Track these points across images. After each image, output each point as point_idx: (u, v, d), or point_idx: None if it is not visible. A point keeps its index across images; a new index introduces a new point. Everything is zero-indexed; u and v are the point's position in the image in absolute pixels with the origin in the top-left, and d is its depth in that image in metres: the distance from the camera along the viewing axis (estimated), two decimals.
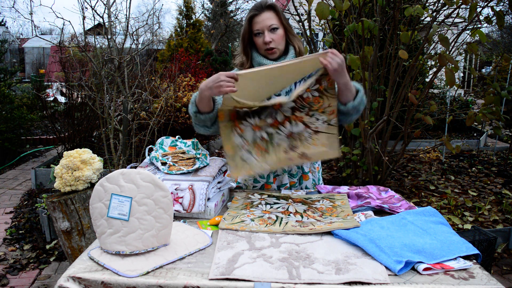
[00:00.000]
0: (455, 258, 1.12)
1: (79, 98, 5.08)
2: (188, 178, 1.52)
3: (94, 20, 3.84)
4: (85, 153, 2.16)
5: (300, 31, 3.68)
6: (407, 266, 1.07)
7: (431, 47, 3.64)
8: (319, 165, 1.94)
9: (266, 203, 1.58)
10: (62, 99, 6.29)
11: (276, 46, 1.62)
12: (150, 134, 3.81)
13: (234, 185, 1.82)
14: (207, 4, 18.54)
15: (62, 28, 3.77)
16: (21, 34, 21.49)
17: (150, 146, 1.80)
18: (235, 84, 1.39)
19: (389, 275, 1.05)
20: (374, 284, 1.01)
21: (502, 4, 3.52)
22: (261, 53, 1.66)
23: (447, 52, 2.70)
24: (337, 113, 1.53)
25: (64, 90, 5.70)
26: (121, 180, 1.18)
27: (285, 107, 1.54)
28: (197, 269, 1.08)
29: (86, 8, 3.42)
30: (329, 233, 1.30)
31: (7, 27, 19.03)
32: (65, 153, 2.16)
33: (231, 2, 18.46)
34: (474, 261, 1.12)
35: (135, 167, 1.56)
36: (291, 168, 1.84)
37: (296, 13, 3.58)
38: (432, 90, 6.76)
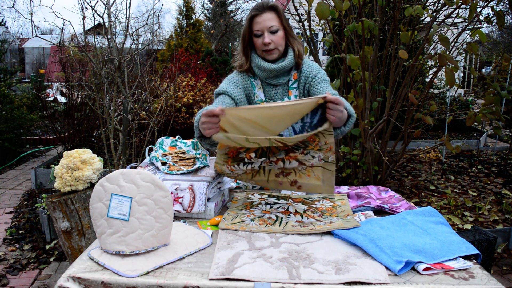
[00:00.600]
0: (455, 258, 1.12)
1: (79, 98, 5.08)
2: (188, 178, 1.52)
3: (94, 20, 3.85)
4: (85, 153, 2.16)
5: (300, 31, 3.68)
6: (407, 266, 1.07)
7: (431, 47, 3.64)
8: None
9: (266, 203, 1.58)
10: (62, 99, 6.29)
11: (275, 47, 1.60)
12: (150, 134, 3.81)
13: (234, 185, 1.82)
14: (207, 4, 18.55)
15: (62, 28, 3.77)
16: (21, 34, 21.51)
17: (150, 146, 1.80)
18: (224, 121, 1.28)
19: (389, 275, 1.05)
20: (374, 284, 1.01)
21: (502, 4, 3.52)
22: (259, 54, 1.65)
23: (447, 52, 2.70)
24: (334, 150, 1.40)
25: (64, 90, 5.70)
26: (121, 180, 1.18)
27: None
28: (197, 269, 1.08)
29: (86, 8, 3.42)
30: (329, 233, 1.30)
31: (7, 27, 19.04)
32: (65, 153, 2.16)
33: (231, 2, 18.46)
34: (474, 261, 1.12)
35: (135, 167, 1.56)
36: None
37: (296, 13, 3.58)
38: (432, 90, 6.76)
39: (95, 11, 3.46)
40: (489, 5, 2.79)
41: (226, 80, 1.71)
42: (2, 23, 18.28)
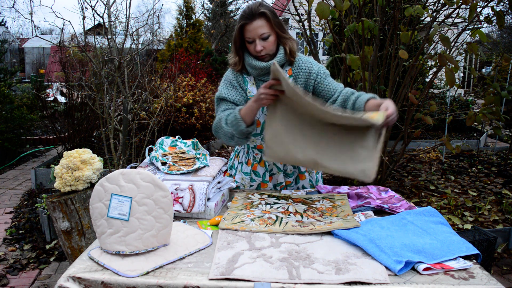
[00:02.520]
0: (455, 258, 1.12)
1: (79, 98, 5.07)
2: (188, 178, 1.52)
3: (94, 20, 3.84)
4: (85, 153, 2.16)
5: (300, 31, 3.67)
6: (407, 266, 1.07)
7: (431, 47, 3.64)
8: None
9: (266, 203, 1.58)
10: (62, 99, 6.29)
11: (266, 52, 1.63)
12: (150, 134, 3.81)
13: (234, 185, 1.82)
14: (207, 4, 18.55)
15: (62, 28, 3.77)
16: (21, 34, 21.49)
17: (150, 146, 1.80)
18: (277, 100, 1.49)
19: (389, 275, 1.05)
20: (374, 284, 1.01)
21: (502, 4, 3.52)
22: (253, 55, 1.68)
23: (448, 52, 2.70)
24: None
25: (64, 90, 5.70)
26: (121, 180, 1.18)
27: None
28: (197, 269, 1.08)
29: (86, 8, 3.42)
30: (329, 233, 1.30)
31: (7, 27, 19.04)
32: (65, 153, 2.15)
33: (231, 2, 18.47)
34: (474, 261, 1.12)
35: (135, 167, 1.56)
36: (286, 168, 1.86)
37: (296, 13, 3.58)
38: (432, 90, 6.76)
39: (95, 11, 3.46)
40: (489, 5, 2.79)
41: (223, 83, 1.77)
42: (2, 23, 18.29)
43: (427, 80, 4.63)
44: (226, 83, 1.75)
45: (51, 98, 6.59)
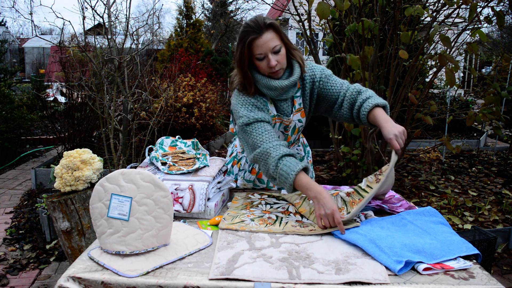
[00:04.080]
0: (455, 258, 1.12)
1: (79, 98, 5.07)
2: (188, 178, 1.52)
3: (94, 20, 3.84)
4: (85, 153, 2.16)
5: (300, 31, 3.67)
6: (407, 266, 1.07)
7: (431, 47, 3.64)
8: (310, 158, 1.96)
9: (266, 203, 1.58)
10: (62, 99, 6.29)
11: (281, 67, 1.50)
12: (150, 134, 3.80)
13: (234, 185, 1.82)
14: (207, 4, 18.56)
15: (62, 28, 3.77)
16: (21, 34, 21.49)
17: (150, 146, 1.80)
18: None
19: (389, 275, 1.05)
20: (374, 284, 1.01)
21: (502, 4, 3.52)
22: (264, 75, 1.54)
23: (448, 52, 2.70)
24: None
25: (64, 90, 5.70)
26: (121, 180, 1.18)
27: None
28: (197, 269, 1.08)
29: (86, 8, 3.42)
30: (329, 233, 1.30)
31: (7, 27, 19.03)
32: (65, 153, 2.15)
33: (231, 2, 18.47)
34: (474, 261, 1.12)
35: (135, 167, 1.56)
36: None
37: (296, 13, 3.58)
38: (432, 90, 6.76)
39: (95, 11, 3.46)
40: (489, 5, 2.79)
41: (246, 107, 1.55)
42: (2, 23, 18.28)
43: (427, 80, 4.63)
44: (250, 105, 1.54)
45: (51, 98, 6.59)
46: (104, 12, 3.68)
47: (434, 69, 3.53)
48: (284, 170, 1.39)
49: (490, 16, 2.72)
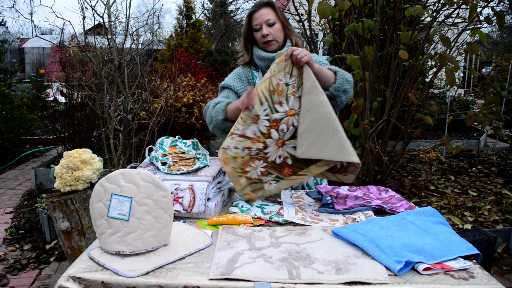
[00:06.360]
0: (455, 258, 1.12)
1: (79, 98, 5.08)
2: (188, 178, 1.52)
3: (94, 20, 3.84)
4: (85, 153, 2.16)
5: (300, 31, 3.67)
6: (407, 266, 1.07)
7: (431, 47, 3.64)
8: None
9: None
10: (62, 99, 6.29)
11: (273, 38, 1.71)
12: (150, 134, 3.80)
13: None
14: (207, 4, 18.55)
15: (62, 28, 3.77)
16: (21, 34, 21.47)
17: (150, 146, 1.80)
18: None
19: (389, 275, 1.05)
20: (374, 284, 1.01)
21: (502, 4, 3.52)
22: (260, 47, 1.76)
23: (448, 52, 2.70)
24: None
25: (64, 90, 5.70)
26: (121, 180, 1.18)
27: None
28: (197, 269, 1.08)
29: (86, 8, 3.42)
30: (329, 233, 1.30)
31: (7, 27, 19.03)
32: (65, 153, 2.15)
33: (231, 2, 18.46)
34: (474, 261, 1.12)
35: (135, 167, 1.56)
36: None
37: (296, 13, 3.58)
38: (432, 90, 6.76)
39: (95, 11, 3.46)
40: (489, 5, 2.79)
41: (232, 74, 1.86)
42: (2, 23, 18.28)
43: (427, 80, 4.63)
44: (234, 75, 1.84)
45: (51, 98, 6.58)
46: (104, 12, 3.68)
47: (434, 69, 3.53)
48: (220, 104, 1.69)
49: (490, 16, 2.72)
